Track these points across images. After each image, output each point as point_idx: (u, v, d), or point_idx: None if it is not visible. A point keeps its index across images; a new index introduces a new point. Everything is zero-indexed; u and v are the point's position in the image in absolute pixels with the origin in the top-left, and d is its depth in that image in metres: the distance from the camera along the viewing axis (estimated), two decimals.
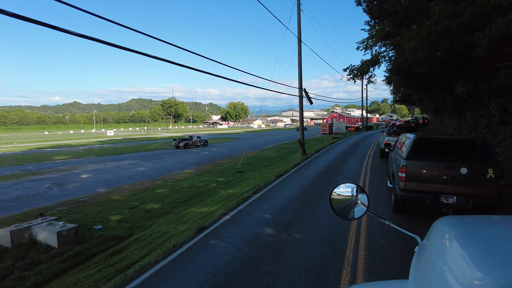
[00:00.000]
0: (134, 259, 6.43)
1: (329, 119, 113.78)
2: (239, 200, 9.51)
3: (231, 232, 6.83)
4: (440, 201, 6.42)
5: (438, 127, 29.00)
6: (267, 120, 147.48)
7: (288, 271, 4.89)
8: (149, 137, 65.50)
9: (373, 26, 20.30)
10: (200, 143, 39.25)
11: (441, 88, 15.99)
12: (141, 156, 30.04)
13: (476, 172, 6.10)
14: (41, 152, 37.17)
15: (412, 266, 1.50)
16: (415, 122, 46.40)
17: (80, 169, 22.84)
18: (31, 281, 6.88)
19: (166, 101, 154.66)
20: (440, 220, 1.56)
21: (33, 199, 14.18)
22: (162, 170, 21.46)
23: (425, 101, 28.15)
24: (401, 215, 7.48)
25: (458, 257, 1.14)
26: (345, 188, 2.31)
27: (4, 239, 8.81)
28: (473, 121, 15.28)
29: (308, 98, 21.22)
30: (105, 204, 12.87)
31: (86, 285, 5.70)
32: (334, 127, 42.80)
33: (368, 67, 22.72)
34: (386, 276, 4.63)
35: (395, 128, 18.41)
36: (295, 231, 6.64)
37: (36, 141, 58.70)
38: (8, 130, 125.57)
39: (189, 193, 14.20)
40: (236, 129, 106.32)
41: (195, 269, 5.17)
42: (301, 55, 20.57)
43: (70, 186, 16.90)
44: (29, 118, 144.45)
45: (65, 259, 7.90)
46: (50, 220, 9.50)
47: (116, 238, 9.20)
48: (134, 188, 15.80)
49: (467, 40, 9.69)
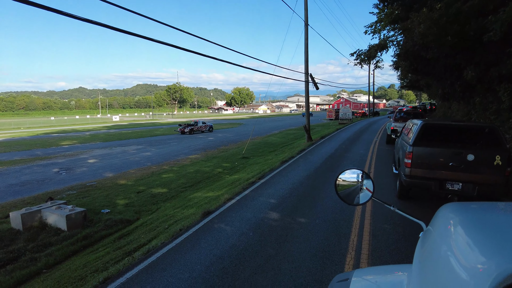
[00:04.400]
0: (141, 242, 6.57)
1: (335, 104, 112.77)
2: (245, 185, 9.59)
3: (237, 216, 6.92)
4: (445, 187, 6.40)
5: (446, 113, 28.66)
6: (272, 106, 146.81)
7: (292, 255, 4.97)
8: (154, 123, 65.76)
9: (382, 9, 19.82)
10: (205, 129, 39.32)
11: (449, 74, 15.69)
12: (147, 141, 30.24)
13: (483, 159, 6.05)
14: (48, 137, 37.58)
15: (417, 251, 1.51)
16: (423, 108, 45.81)
17: (87, 154, 23.10)
18: (42, 262, 7.09)
19: (171, 87, 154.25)
20: (445, 206, 1.57)
21: (42, 183, 14.44)
22: (168, 155, 21.62)
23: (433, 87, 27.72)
24: (406, 201, 7.50)
25: (462, 242, 1.15)
26: (351, 174, 2.32)
27: (16, 222, 9.04)
28: (482, 107, 15.04)
29: (314, 83, 21.00)
30: (112, 189, 13.06)
31: (95, 266, 5.85)
32: (341, 112, 42.52)
33: (375, 52, 22.38)
34: (390, 261, 4.68)
35: (402, 114, 18.23)
36: (300, 216, 6.70)
37: (43, 126, 59.31)
38: (15, 115, 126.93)
39: (195, 178, 14.33)
40: (241, 115, 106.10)
41: (201, 252, 5.27)
42: (307, 39, 20.23)
43: (77, 170, 17.15)
44: (35, 103, 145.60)
45: (74, 241, 8.10)
46: (59, 204, 9.69)
47: (124, 222, 9.37)
48: (140, 173, 15.98)
49: (478, 24, 9.44)
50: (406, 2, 14.09)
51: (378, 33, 22.11)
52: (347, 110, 42.69)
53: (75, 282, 5.36)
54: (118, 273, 4.83)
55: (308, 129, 20.87)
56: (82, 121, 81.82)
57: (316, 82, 21.16)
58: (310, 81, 20.79)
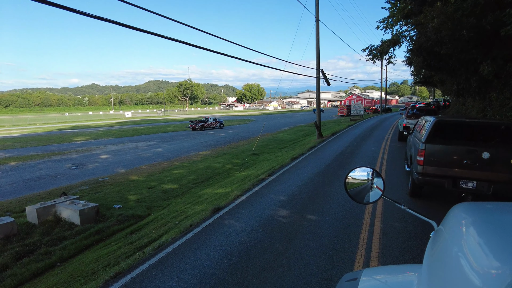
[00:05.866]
0: (152, 238, 6.65)
1: (346, 100, 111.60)
2: (254, 182, 9.59)
3: (246, 213, 6.94)
4: (459, 186, 6.27)
5: (460, 110, 28.01)
6: (283, 102, 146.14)
7: (302, 252, 4.96)
8: (166, 119, 66.32)
9: (395, 4, 19.41)
10: (216, 125, 39.44)
11: (464, 69, 15.32)
12: (159, 138, 30.55)
13: (499, 157, 5.89)
14: (62, 133, 38.34)
15: (427, 251, 1.48)
16: (436, 104, 44.87)
17: (100, 150, 23.48)
18: (57, 255, 7.27)
19: (182, 83, 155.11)
20: (457, 206, 1.53)
21: (56, 178, 14.76)
22: (179, 151, 21.80)
23: (447, 83, 27.12)
24: (418, 200, 7.38)
25: (474, 244, 1.11)
26: (361, 172, 2.29)
27: (31, 216, 9.28)
28: (499, 103, 14.65)
29: (326, 79, 20.80)
30: (124, 184, 13.26)
31: (108, 261, 5.96)
32: (352, 109, 42.06)
33: (388, 47, 21.97)
34: (400, 260, 4.62)
35: (415, 111, 17.91)
36: (309, 213, 6.67)
37: (57, 122, 60.56)
38: (31, 111, 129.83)
39: (205, 174, 14.42)
40: (252, 111, 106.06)
41: (211, 248, 5.30)
42: (318, 34, 20.02)
43: (90, 166, 17.46)
44: (50, 100, 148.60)
45: (87, 236, 8.27)
46: (73, 199, 9.89)
47: (135, 217, 9.51)
48: (152, 169, 16.16)
49: (496, 17, 9.16)
50: None
51: (390, 28, 21.66)
52: (359, 107, 42.19)
53: (88, 276, 5.48)
54: (129, 268, 4.91)
55: (318, 125, 20.71)
56: (95, 117, 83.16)
57: (328, 78, 20.95)
58: (322, 77, 20.60)
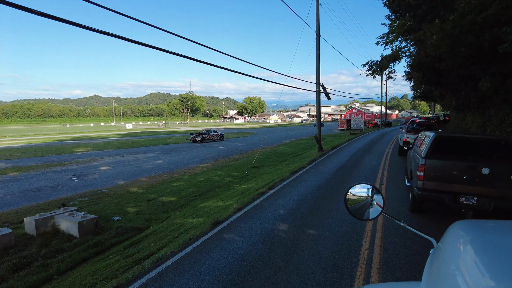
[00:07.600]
0: (151, 251, 6.60)
1: (347, 114, 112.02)
2: (254, 195, 9.56)
3: (246, 227, 6.90)
4: (459, 201, 6.25)
5: (460, 125, 28.12)
6: (283, 115, 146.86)
7: (302, 268, 4.91)
8: (167, 131, 66.54)
9: (394, 21, 19.76)
10: (217, 138, 39.54)
11: (464, 85, 15.48)
12: (159, 150, 30.59)
13: (499, 173, 5.90)
14: (63, 144, 38.43)
15: (426, 268, 1.49)
16: (436, 119, 45.14)
17: (100, 161, 23.49)
18: (54, 268, 7.19)
19: (183, 96, 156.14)
20: (456, 223, 1.54)
21: (55, 190, 14.72)
22: (179, 163, 21.80)
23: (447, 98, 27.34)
24: (418, 215, 7.34)
25: (471, 262, 1.12)
26: (361, 189, 2.31)
27: (29, 227, 9.22)
28: (498, 119, 14.74)
29: (326, 93, 20.97)
30: (123, 196, 13.21)
31: (105, 274, 5.89)
32: (352, 123, 42.26)
33: (388, 63, 22.24)
34: (401, 277, 4.57)
35: (415, 125, 17.98)
36: (310, 228, 6.63)
37: (58, 133, 60.72)
38: (33, 122, 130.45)
39: (205, 186, 14.38)
40: (253, 124, 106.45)
41: (210, 262, 5.26)
42: (319, 49, 20.31)
43: (90, 177, 17.43)
44: (52, 111, 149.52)
45: (85, 248, 8.19)
46: (72, 211, 9.85)
47: (134, 230, 9.44)
48: (151, 181, 16.13)
49: (493, 34, 9.32)
50: (418, 13, 14.03)
51: (390, 44, 22.00)
52: (359, 121, 42.39)
53: None
54: (127, 282, 4.85)
55: (319, 139, 20.77)
56: (97, 128, 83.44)
57: (328, 92, 21.12)
58: (322, 91, 20.77)
